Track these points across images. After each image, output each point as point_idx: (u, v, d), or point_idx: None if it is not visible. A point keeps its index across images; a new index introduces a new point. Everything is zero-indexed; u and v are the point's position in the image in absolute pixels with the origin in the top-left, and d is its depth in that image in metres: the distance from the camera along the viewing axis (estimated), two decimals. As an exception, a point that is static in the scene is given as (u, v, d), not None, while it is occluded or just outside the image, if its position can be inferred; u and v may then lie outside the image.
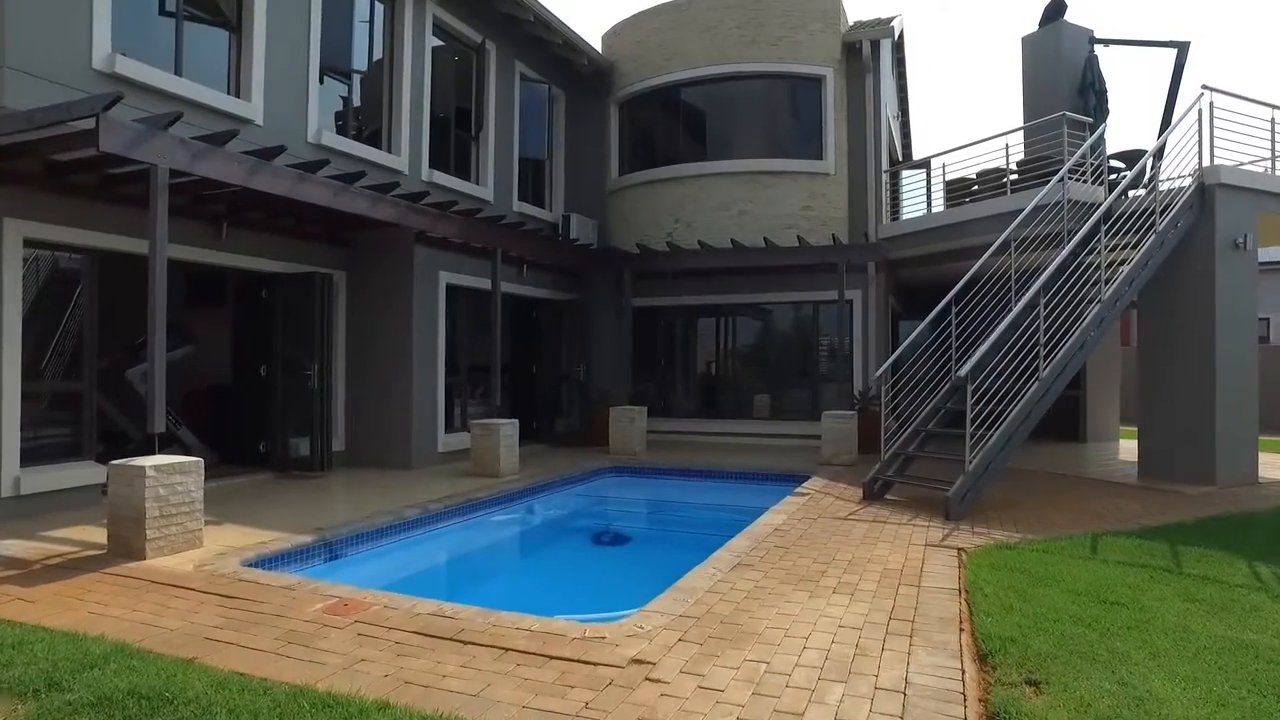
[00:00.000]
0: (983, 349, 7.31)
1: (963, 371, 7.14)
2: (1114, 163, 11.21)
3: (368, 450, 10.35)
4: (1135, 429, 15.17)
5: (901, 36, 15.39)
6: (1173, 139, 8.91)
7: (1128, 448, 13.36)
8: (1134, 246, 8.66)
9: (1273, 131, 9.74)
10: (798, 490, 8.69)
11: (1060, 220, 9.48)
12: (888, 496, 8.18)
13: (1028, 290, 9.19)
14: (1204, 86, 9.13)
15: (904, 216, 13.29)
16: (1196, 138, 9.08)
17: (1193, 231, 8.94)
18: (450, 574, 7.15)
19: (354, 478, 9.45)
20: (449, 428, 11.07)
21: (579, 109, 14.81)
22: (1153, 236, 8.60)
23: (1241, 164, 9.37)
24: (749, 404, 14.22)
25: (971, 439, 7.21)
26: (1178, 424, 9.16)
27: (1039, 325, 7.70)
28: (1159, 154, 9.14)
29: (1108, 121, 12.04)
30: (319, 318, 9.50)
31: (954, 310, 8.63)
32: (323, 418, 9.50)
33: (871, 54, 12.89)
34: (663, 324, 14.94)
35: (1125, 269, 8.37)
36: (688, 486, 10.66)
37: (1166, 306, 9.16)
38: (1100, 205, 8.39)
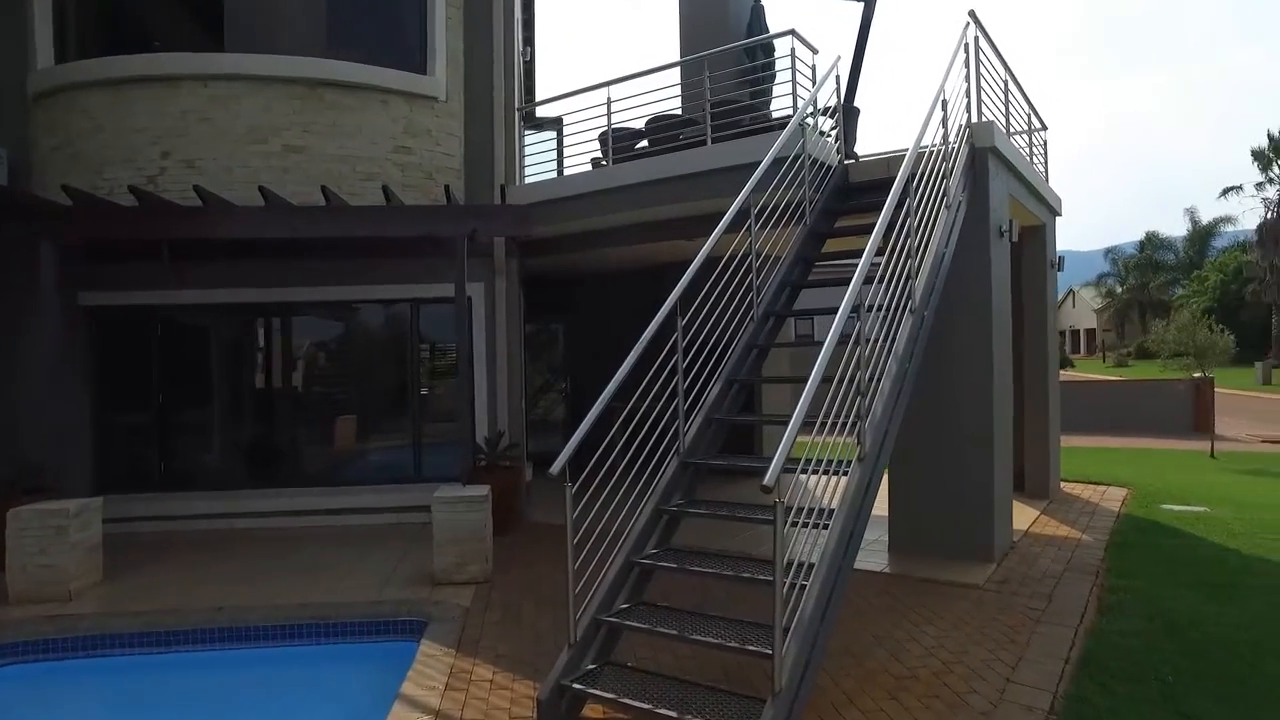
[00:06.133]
0: (798, 417, 3.42)
1: (769, 479, 3.16)
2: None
3: None
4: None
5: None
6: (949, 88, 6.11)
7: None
8: (885, 230, 5.59)
9: (1006, 100, 7.66)
10: (404, 709, 4.03)
11: (801, 185, 6.21)
12: (586, 716, 3.95)
13: (770, 289, 5.76)
14: (970, 14, 6.55)
15: (550, 176, 9.29)
16: (965, 85, 6.45)
17: (968, 211, 6.28)
18: None
19: None
20: None
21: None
22: (944, 213, 5.66)
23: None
24: (316, 464, 9.04)
25: (789, 604, 3.31)
26: (948, 480, 6.49)
27: (861, 355, 4.10)
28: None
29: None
30: None
31: (680, 322, 4.73)
32: None
33: (500, -74, 8.58)
34: (163, 338, 8.90)
35: (925, 264, 5.25)
36: (177, 685, 5.27)
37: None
38: (905, 158, 5.11)
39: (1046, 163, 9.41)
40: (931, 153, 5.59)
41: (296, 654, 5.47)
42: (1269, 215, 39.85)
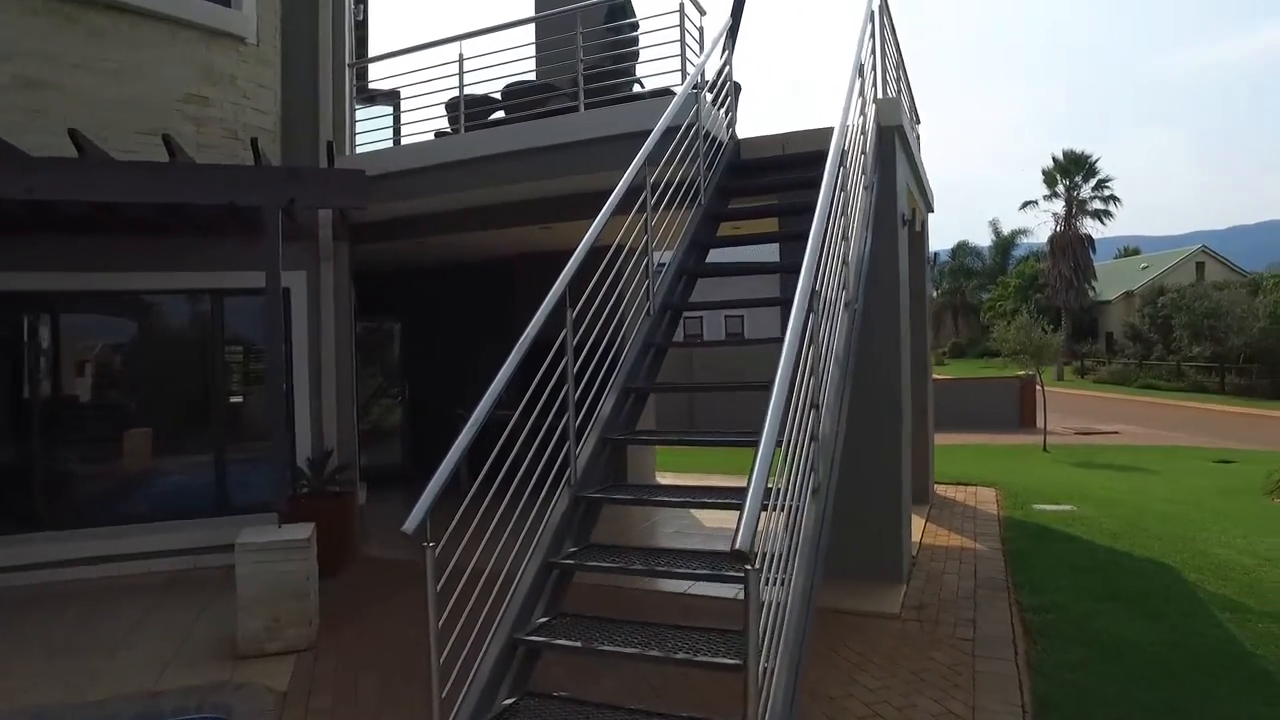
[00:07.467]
0: (766, 448, 2.47)
1: (741, 543, 2.18)
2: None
3: None
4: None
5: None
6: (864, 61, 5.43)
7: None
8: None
9: (899, 80, 7.17)
10: None
11: (694, 160, 5.34)
12: None
13: (665, 278, 4.85)
14: (874, -26, 5.92)
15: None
16: (872, 56, 5.82)
17: (878, 196, 5.64)
18: None
19: None
20: None
21: None
22: (864, 194, 4.96)
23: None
24: (84, 498, 7.14)
25: (762, 685, 2.35)
26: (854, 493, 5.79)
27: (816, 358, 3.22)
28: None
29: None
30: None
31: (570, 315, 3.68)
32: None
33: None
34: None
35: (853, 251, 4.48)
36: None
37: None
38: (833, 128, 4.31)
39: (921, 156, 9.14)
40: (846, 129, 4.87)
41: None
42: (1057, 228, 44.10)
